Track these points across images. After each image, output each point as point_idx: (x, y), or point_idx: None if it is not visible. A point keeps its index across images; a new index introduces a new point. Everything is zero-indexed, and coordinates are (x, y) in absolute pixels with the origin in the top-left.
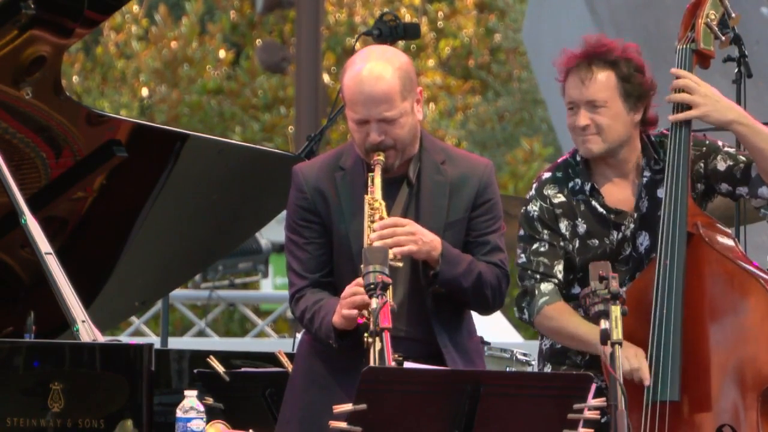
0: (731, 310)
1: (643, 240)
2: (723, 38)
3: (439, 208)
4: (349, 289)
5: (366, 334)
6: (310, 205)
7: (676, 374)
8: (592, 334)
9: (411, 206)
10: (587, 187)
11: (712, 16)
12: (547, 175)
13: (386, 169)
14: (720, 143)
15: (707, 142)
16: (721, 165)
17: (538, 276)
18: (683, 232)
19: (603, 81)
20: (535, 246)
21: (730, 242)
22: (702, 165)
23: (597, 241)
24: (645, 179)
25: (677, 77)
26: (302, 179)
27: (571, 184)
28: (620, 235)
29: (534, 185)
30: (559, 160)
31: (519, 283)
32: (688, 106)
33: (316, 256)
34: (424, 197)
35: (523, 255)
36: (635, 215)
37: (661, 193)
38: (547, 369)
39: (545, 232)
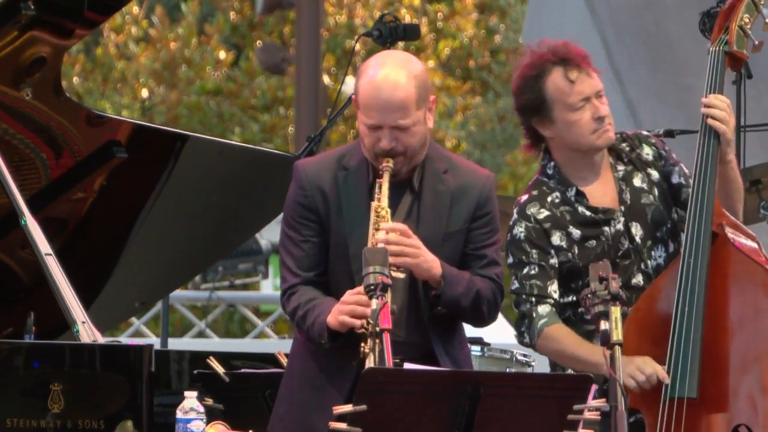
0: (754, 311)
1: (637, 230)
2: (756, 42)
3: (439, 217)
4: (350, 296)
5: (363, 344)
6: (310, 203)
7: (695, 371)
8: (593, 354)
9: (413, 213)
10: (572, 192)
11: (746, 20)
12: (524, 197)
13: (393, 174)
14: (675, 156)
15: (667, 148)
16: (675, 178)
17: (533, 299)
18: (708, 231)
19: (595, 73)
20: (525, 270)
21: (754, 244)
22: (662, 164)
23: (594, 242)
24: (620, 173)
25: (711, 102)
26: (303, 176)
27: (550, 198)
28: (613, 229)
29: (515, 210)
30: (530, 183)
31: (515, 309)
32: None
33: (311, 255)
34: (425, 205)
35: (515, 281)
36: (622, 209)
37: (638, 182)
38: (569, 372)
39: (534, 252)
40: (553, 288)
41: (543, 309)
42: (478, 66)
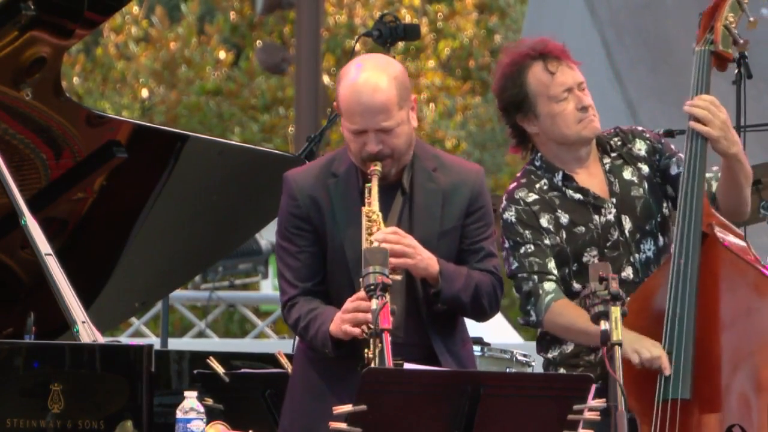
0: (745, 310)
1: (626, 222)
2: (741, 41)
3: (433, 216)
4: (350, 304)
5: (366, 350)
6: (303, 213)
7: (688, 373)
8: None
9: (405, 214)
10: (559, 176)
11: (731, 19)
12: (513, 185)
13: (382, 177)
14: (673, 147)
15: (663, 141)
16: (673, 169)
17: (535, 276)
18: (698, 232)
19: (575, 65)
20: (522, 250)
21: (743, 244)
22: (657, 158)
23: (583, 228)
24: (607, 166)
25: (693, 103)
26: (294, 186)
27: (539, 185)
28: (603, 219)
29: (504, 197)
30: (518, 174)
31: (517, 292)
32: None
33: (308, 265)
34: (418, 205)
35: (514, 261)
36: (613, 200)
37: (627, 175)
38: (561, 370)
39: (527, 232)
40: (552, 264)
41: (548, 285)
42: (478, 66)
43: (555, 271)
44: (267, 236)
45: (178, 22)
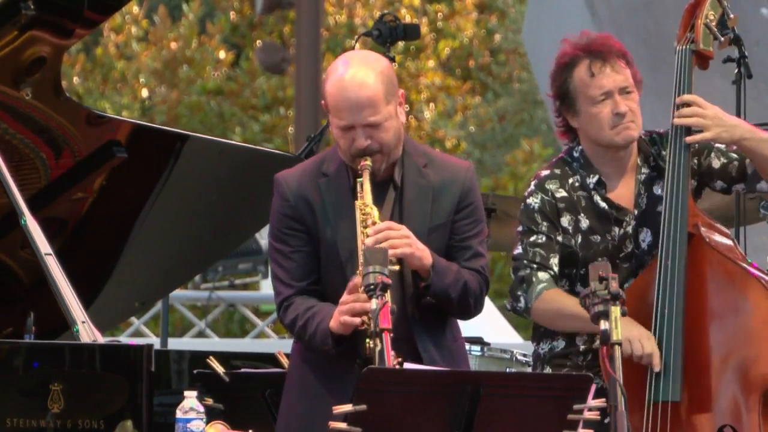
0: (732, 310)
1: (645, 236)
2: (722, 39)
3: (423, 212)
4: (347, 296)
5: (368, 340)
6: (295, 213)
7: (678, 374)
8: None
9: (396, 210)
10: (593, 179)
11: (711, 17)
12: (546, 172)
13: (372, 173)
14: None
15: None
16: (716, 163)
17: (534, 266)
18: (684, 232)
19: (626, 70)
20: (532, 238)
21: (729, 243)
22: (695, 162)
23: (599, 237)
24: (643, 176)
25: (685, 104)
26: (285, 187)
27: (571, 181)
28: (622, 231)
29: (533, 182)
30: (554, 159)
31: (513, 274)
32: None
33: (302, 265)
34: (408, 201)
35: (519, 246)
36: (635, 212)
37: (658, 190)
38: (547, 372)
39: (544, 224)
40: (555, 261)
41: (543, 275)
42: (478, 66)
43: (555, 268)
44: (267, 236)
45: (179, 21)
